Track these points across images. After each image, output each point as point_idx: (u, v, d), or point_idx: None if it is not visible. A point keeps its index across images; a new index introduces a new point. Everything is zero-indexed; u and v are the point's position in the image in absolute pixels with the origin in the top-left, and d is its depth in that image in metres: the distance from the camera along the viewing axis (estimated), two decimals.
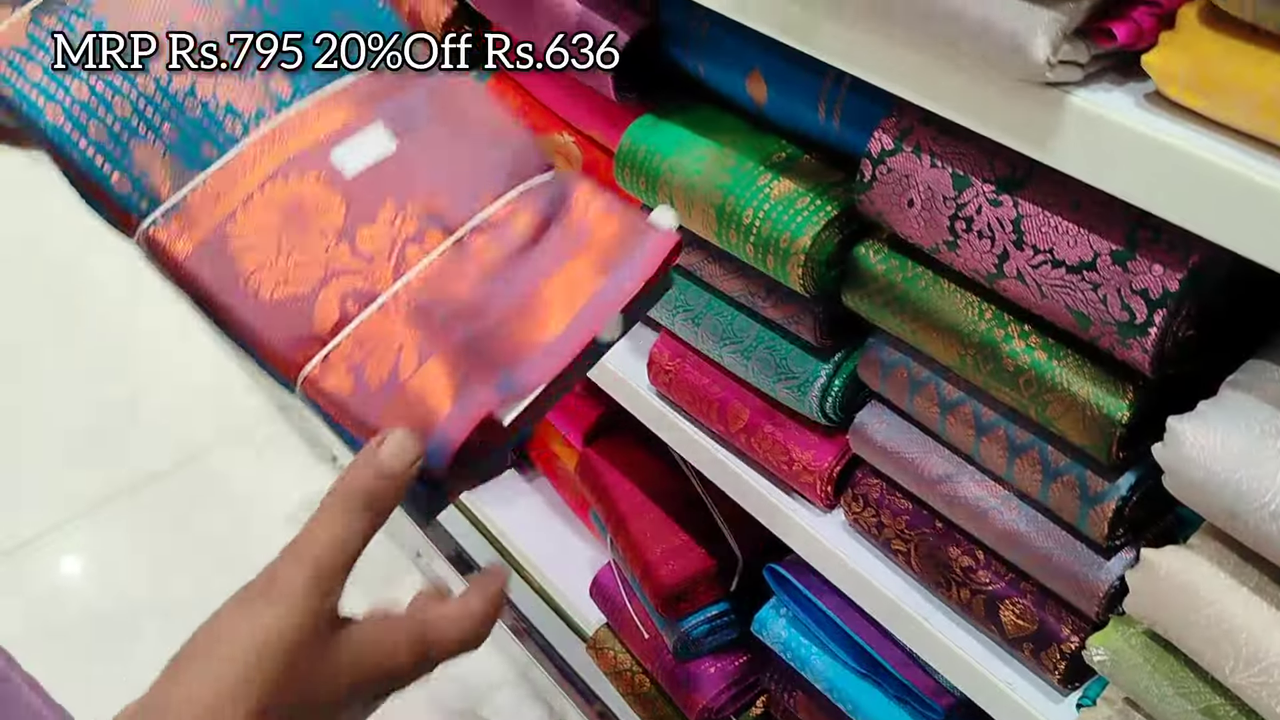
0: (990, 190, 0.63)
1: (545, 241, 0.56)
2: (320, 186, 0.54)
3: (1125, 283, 0.58)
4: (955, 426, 0.72)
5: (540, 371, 0.51)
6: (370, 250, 0.54)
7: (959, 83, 0.57)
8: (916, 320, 0.70)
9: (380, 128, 0.56)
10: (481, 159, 0.57)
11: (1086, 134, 0.53)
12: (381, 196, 0.55)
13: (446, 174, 0.56)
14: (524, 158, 0.58)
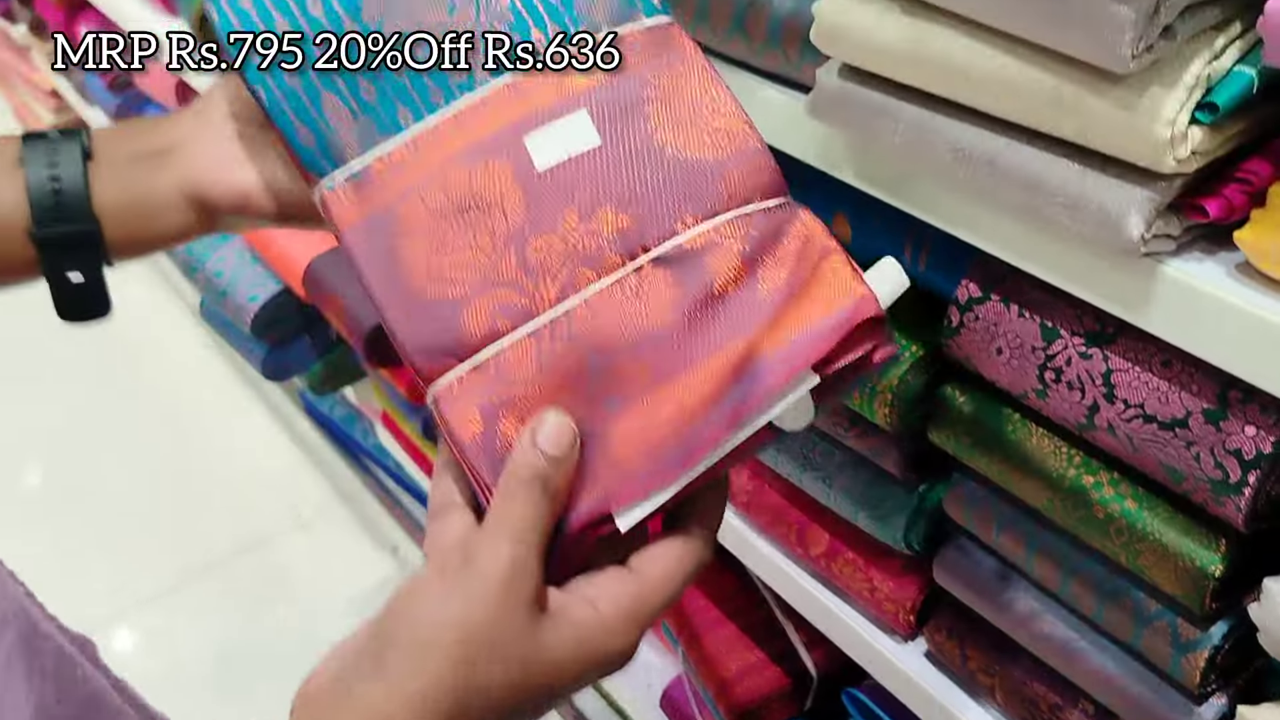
0: (1080, 343, 0.65)
1: (740, 292, 0.47)
2: (504, 179, 0.49)
3: (1218, 442, 0.59)
4: (1043, 566, 0.73)
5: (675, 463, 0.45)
6: (538, 263, 0.48)
7: (1052, 247, 0.59)
8: (1004, 462, 0.72)
9: (584, 117, 0.50)
10: (696, 167, 0.49)
11: (1178, 302, 0.55)
12: (567, 201, 0.49)
13: (649, 182, 0.49)
14: (747, 173, 0.50)
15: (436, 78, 0.51)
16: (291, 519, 1.97)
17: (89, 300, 0.60)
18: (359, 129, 0.50)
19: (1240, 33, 0.50)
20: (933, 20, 0.56)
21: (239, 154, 0.57)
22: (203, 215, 0.58)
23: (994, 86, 0.55)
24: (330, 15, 0.51)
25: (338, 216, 0.50)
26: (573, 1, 0.52)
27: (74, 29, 2.10)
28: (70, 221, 0.56)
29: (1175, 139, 0.49)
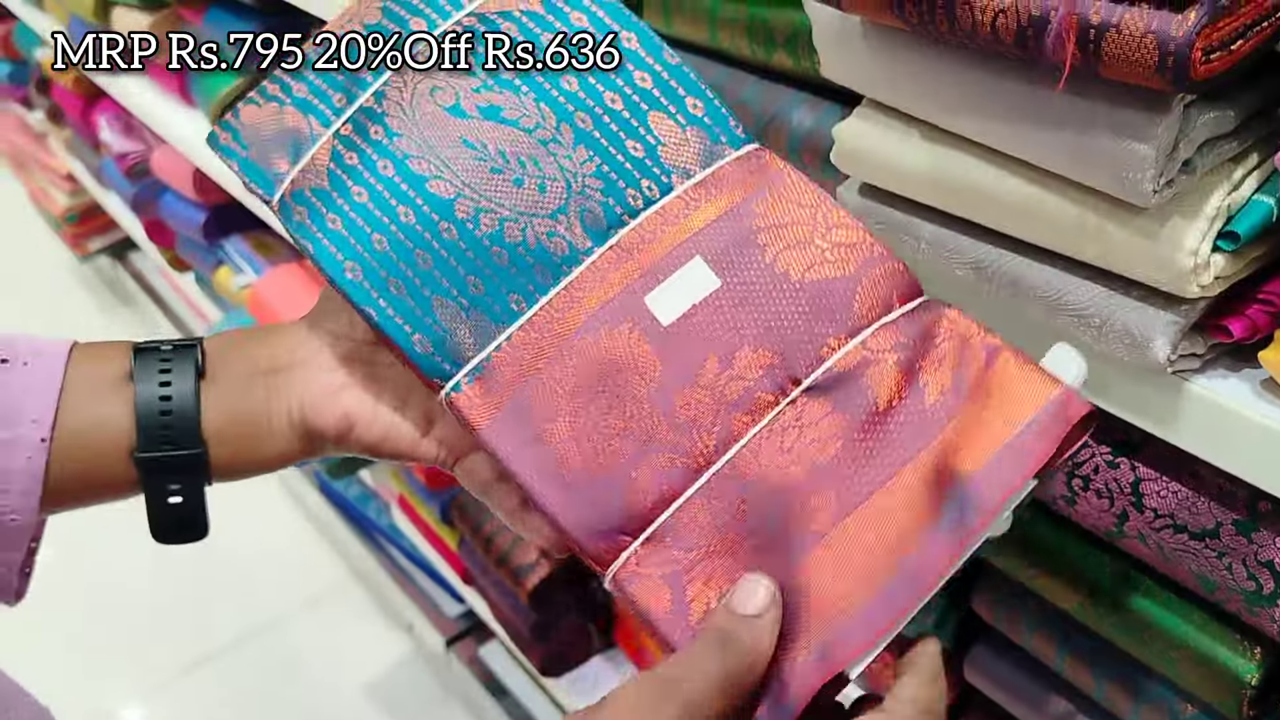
0: (1107, 452, 0.65)
1: (906, 402, 0.45)
2: (634, 340, 0.48)
3: (1250, 553, 0.59)
4: (1075, 669, 0.73)
5: (901, 601, 0.43)
6: (688, 419, 0.47)
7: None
8: (1034, 565, 0.72)
9: (700, 263, 0.49)
10: (826, 288, 0.48)
11: (1205, 419, 0.55)
12: (705, 348, 0.48)
13: (782, 312, 0.48)
14: (880, 281, 0.48)
15: (540, 257, 0.50)
16: (303, 598, 1.96)
17: (187, 521, 0.56)
18: (473, 324, 0.50)
19: (1258, 164, 0.51)
20: (954, 147, 0.58)
21: (347, 380, 0.55)
22: (307, 442, 0.56)
23: (1016, 212, 0.56)
24: (423, 219, 0.50)
25: (471, 417, 0.49)
26: (659, 154, 0.51)
27: (91, 117, 2.14)
28: (178, 446, 0.53)
29: (1198, 267, 0.50)
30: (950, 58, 0.54)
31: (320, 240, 0.50)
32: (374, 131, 0.52)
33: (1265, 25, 0.46)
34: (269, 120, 0.54)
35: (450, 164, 0.51)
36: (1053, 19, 0.46)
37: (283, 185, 0.52)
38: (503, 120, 0.51)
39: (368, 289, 0.50)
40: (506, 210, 0.50)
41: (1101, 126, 0.49)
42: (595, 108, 0.52)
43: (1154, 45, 0.44)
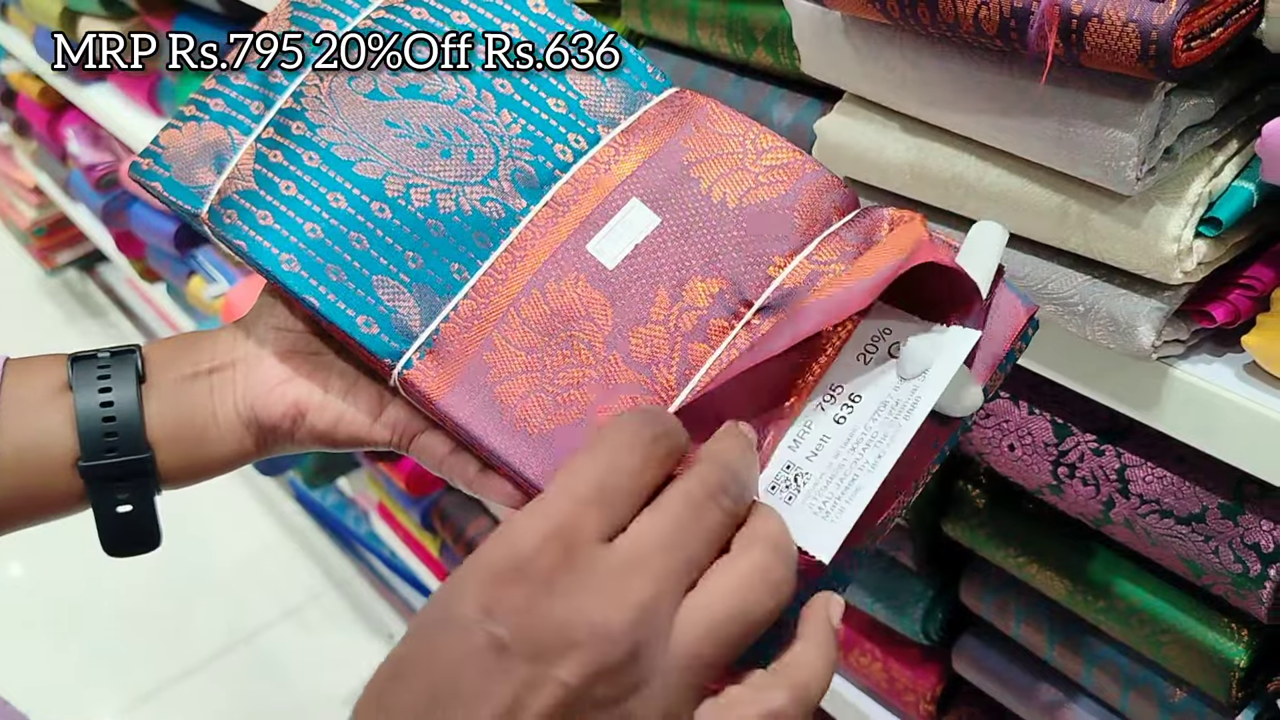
0: (1092, 440, 0.66)
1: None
2: (581, 288, 0.48)
3: (1236, 536, 0.60)
4: (1064, 657, 0.73)
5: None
6: (646, 355, 0.47)
7: (1062, 349, 0.60)
8: (1021, 555, 0.72)
9: (638, 204, 0.49)
10: (765, 209, 0.48)
11: (1190, 403, 0.56)
12: (653, 285, 0.48)
13: (724, 239, 0.48)
14: (817, 196, 0.49)
15: (477, 223, 0.50)
16: (283, 609, 1.95)
17: (138, 531, 0.55)
18: (417, 299, 0.50)
19: (1238, 149, 0.52)
20: (936, 140, 0.58)
21: (293, 370, 0.54)
22: (259, 437, 0.55)
23: (998, 203, 0.56)
24: (354, 202, 0.51)
25: (427, 390, 0.48)
26: (582, 107, 0.52)
27: (58, 129, 2.12)
28: (122, 452, 0.52)
29: (1181, 254, 0.51)
30: (932, 51, 0.55)
31: (253, 237, 0.50)
32: (295, 128, 0.52)
33: (1244, 12, 0.46)
34: (190, 139, 0.54)
35: (375, 145, 0.51)
36: (1035, 10, 0.46)
37: (210, 197, 0.52)
38: (423, 96, 0.52)
39: (306, 278, 0.50)
40: (437, 182, 0.51)
41: (1084, 116, 0.50)
42: (513, 72, 0.53)
43: (1136, 34, 0.44)
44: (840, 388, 0.45)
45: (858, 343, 0.45)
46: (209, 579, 2.00)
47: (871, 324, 0.46)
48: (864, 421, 0.43)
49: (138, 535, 0.55)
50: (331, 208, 0.51)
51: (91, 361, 0.54)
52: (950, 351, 0.43)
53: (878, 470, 0.41)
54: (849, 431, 0.43)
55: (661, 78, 0.54)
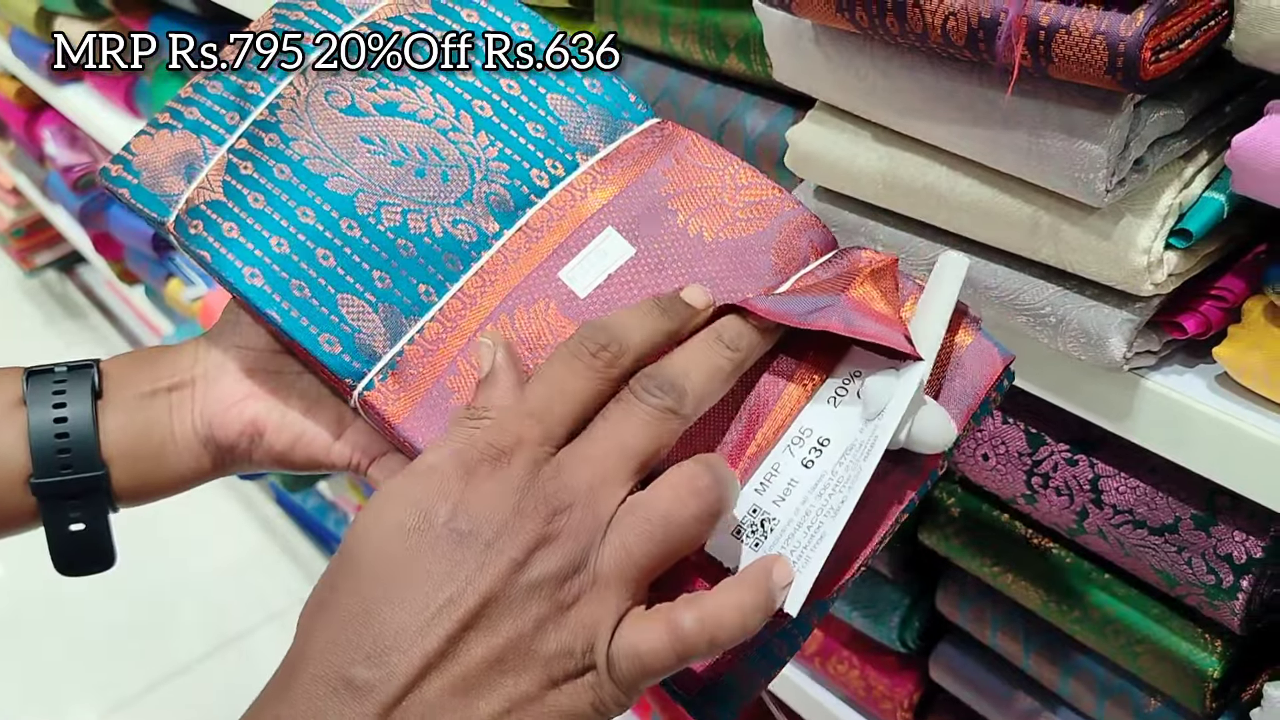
0: (1065, 450, 0.65)
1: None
2: (552, 315, 0.48)
3: (1209, 547, 0.60)
4: (1040, 666, 0.73)
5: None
6: None
7: (1034, 360, 0.60)
8: (996, 564, 0.72)
9: (613, 233, 0.49)
10: (742, 246, 0.48)
11: (1161, 415, 0.56)
12: None
13: (699, 273, 0.48)
14: (794, 235, 0.48)
15: (448, 245, 0.50)
16: (266, 613, 1.94)
17: (91, 550, 0.54)
18: (384, 319, 0.49)
19: (1208, 160, 0.51)
20: (907, 149, 0.58)
21: (253, 389, 0.54)
22: (216, 456, 0.54)
23: (970, 213, 0.56)
24: (323, 218, 0.50)
25: (387, 413, 0.47)
26: (561, 133, 0.52)
27: (35, 130, 2.10)
28: (76, 469, 0.52)
29: (1152, 265, 0.51)
30: (902, 60, 0.54)
31: (217, 249, 0.49)
32: (268, 140, 0.51)
33: (1212, 24, 0.46)
34: (161, 147, 0.53)
35: (349, 161, 0.50)
36: (1003, 21, 0.46)
37: (177, 206, 0.51)
38: (400, 114, 0.51)
39: (269, 293, 0.48)
40: (409, 202, 0.50)
41: (1053, 127, 0.49)
42: (493, 95, 0.52)
43: (1103, 46, 0.44)
44: (810, 431, 0.44)
45: (830, 387, 0.45)
46: (191, 583, 1.99)
47: (845, 368, 0.45)
48: (831, 466, 0.43)
49: (90, 554, 0.54)
50: (300, 222, 0.49)
51: (48, 376, 0.53)
52: (904, 385, 0.42)
53: (840, 515, 0.40)
54: (817, 476, 0.43)
55: (644, 107, 0.53)
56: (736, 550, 0.42)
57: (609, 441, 0.39)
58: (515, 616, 0.37)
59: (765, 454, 0.44)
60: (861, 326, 0.43)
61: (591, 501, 0.38)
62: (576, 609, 0.37)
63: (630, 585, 0.38)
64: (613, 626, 0.38)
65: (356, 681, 0.36)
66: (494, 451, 0.39)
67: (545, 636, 0.37)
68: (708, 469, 0.39)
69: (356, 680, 0.36)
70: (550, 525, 0.38)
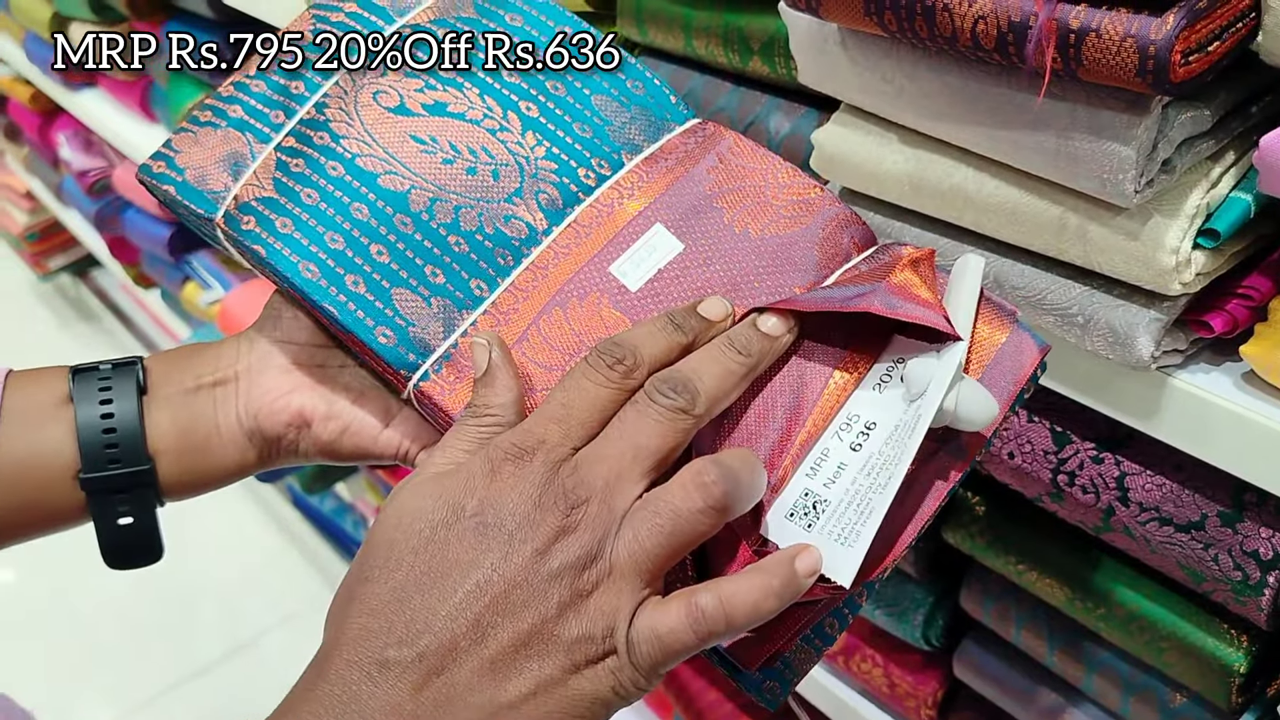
0: (1091, 448, 0.66)
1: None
2: (604, 309, 0.49)
3: (1235, 543, 0.60)
4: (1065, 662, 0.74)
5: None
6: None
7: (1061, 359, 0.60)
8: (1021, 562, 0.73)
9: (662, 229, 0.50)
10: (786, 242, 0.50)
11: (1188, 412, 0.56)
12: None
13: (746, 267, 0.49)
14: (837, 231, 0.50)
15: (500, 241, 0.51)
16: (283, 614, 1.95)
17: (140, 543, 0.55)
18: (437, 312, 0.49)
19: (1235, 160, 0.52)
20: (934, 151, 0.58)
21: (298, 382, 0.55)
22: (262, 449, 0.55)
23: (997, 214, 0.56)
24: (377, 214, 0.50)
25: (444, 403, 0.48)
26: (607, 132, 0.53)
27: (49, 135, 2.11)
28: (123, 464, 0.52)
29: (1180, 265, 0.51)
30: (929, 63, 0.55)
31: (272, 244, 0.50)
32: (318, 138, 0.52)
33: (1240, 26, 0.46)
34: (205, 144, 0.53)
35: (401, 159, 0.51)
36: (1033, 25, 0.46)
37: (225, 202, 0.52)
38: (450, 114, 0.52)
39: (326, 287, 0.49)
40: (461, 199, 0.51)
41: (1082, 129, 0.50)
42: (539, 95, 0.53)
43: (1134, 49, 0.44)
44: (857, 416, 0.46)
45: (875, 374, 0.46)
46: (208, 585, 2.00)
47: (888, 356, 0.47)
48: (878, 447, 0.44)
49: (139, 547, 0.55)
50: (354, 218, 0.50)
51: (93, 374, 0.54)
52: (945, 363, 0.44)
53: (887, 490, 0.42)
54: (865, 458, 0.44)
55: (685, 108, 0.54)
56: (788, 532, 0.43)
57: (624, 441, 0.41)
58: (538, 603, 0.39)
59: (815, 440, 0.45)
60: (903, 308, 0.44)
61: (607, 496, 0.40)
62: (595, 596, 0.39)
63: (644, 575, 0.40)
64: (630, 613, 0.39)
65: (390, 662, 0.38)
66: (516, 451, 0.41)
67: (566, 622, 0.39)
68: (714, 465, 0.41)
69: (390, 661, 0.38)
70: (569, 518, 0.40)
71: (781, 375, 0.46)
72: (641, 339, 0.44)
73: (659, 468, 0.42)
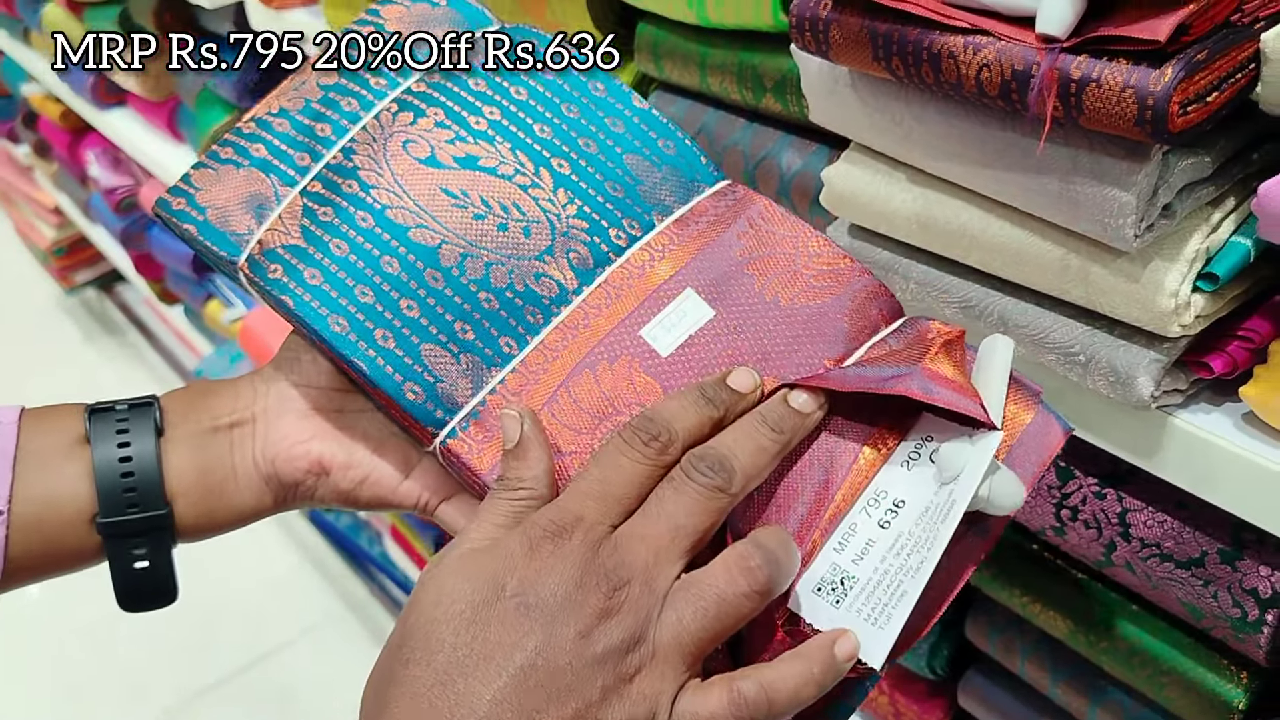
0: (1094, 484, 0.67)
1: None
2: (633, 373, 0.48)
3: (1235, 581, 0.61)
4: (1068, 695, 0.74)
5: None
6: None
7: (1064, 396, 0.62)
8: (1026, 594, 0.73)
9: (693, 295, 0.50)
10: (817, 313, 0.50)
11: (1189, 452, 0.57)
12: (705, 376, 0.48)
13: (777, 336, 0.49)
14: (866, 302, 0.51)
15: (530, 299, 0.50)
16: (299, 629, 1.96)
17: (156, 586, 0.54)
18: (466, 369, 0.49)
19: (1235, 206, 0.53)
20: (941, 191, 0.59)
21: (317, 428, 0.54)
22: (278, 493, 0.55)
23: (1002, 254, 0.58)
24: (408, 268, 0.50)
25: (471, 461, 0.48)
26: (639, 192, 0.53)
27: (78, 152, 2.15)
28: (141, 508, 0.52)
29: (1179, 308, 0.52)
30: (936, 106, 0.56)
31: (300, 296, 0.50)
32: (347, 186, 0.52)
33: (1239, 76, 0.48)
34: (227, 183, 0.53)
35: (431, 213, 0.51)
36: (1035, 73, 0.48)
37: (249, 245, 0.51)
38: (480, 168, 0.52)
39: (355, 341, 0.49)
40: (492, 255, 0.51)
41: (1084, 174, 0.51)
42: (570, 153, 0.53)
43: (1133, 99, 0.46)
44: (885, 493, 0.46)
45: (903, 451, 0.47)
46: (225, 600, 2.01)
47: (916, 433, 0.47)
48: (908, 527, 0.44)
49: (154, 590, 0.55)
50: (385, 272, 0.50)
51: (110, 414, 0.54)
52: (980, 451, 0.44)
53: (920, 574, 0.42)
54: (894, 536, 0.44)
55: (715, 169, 0.54)
56: (816, 606, 0.44)
57: (662, 520, 0.41)
58: (583, 687, 0.38)
59: (843, 515, 0.45)
60: (939, 395, 0.44)
61: (648, 578, 0.40)
62: (638, 680, 0.39)
63: (687, 658, 0.40)
64: (672, 697, 0.39)
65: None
66: (555, 528, 0.41)
67: (610, 707, 0.39)
68: (758, 548, 0.41)
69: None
70: (611, 600, 0.40)
71: (811, 449, 0.47)
72: (675, 413, 0.44)
73: (697, 546, 0.42)
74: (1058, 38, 0.47)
